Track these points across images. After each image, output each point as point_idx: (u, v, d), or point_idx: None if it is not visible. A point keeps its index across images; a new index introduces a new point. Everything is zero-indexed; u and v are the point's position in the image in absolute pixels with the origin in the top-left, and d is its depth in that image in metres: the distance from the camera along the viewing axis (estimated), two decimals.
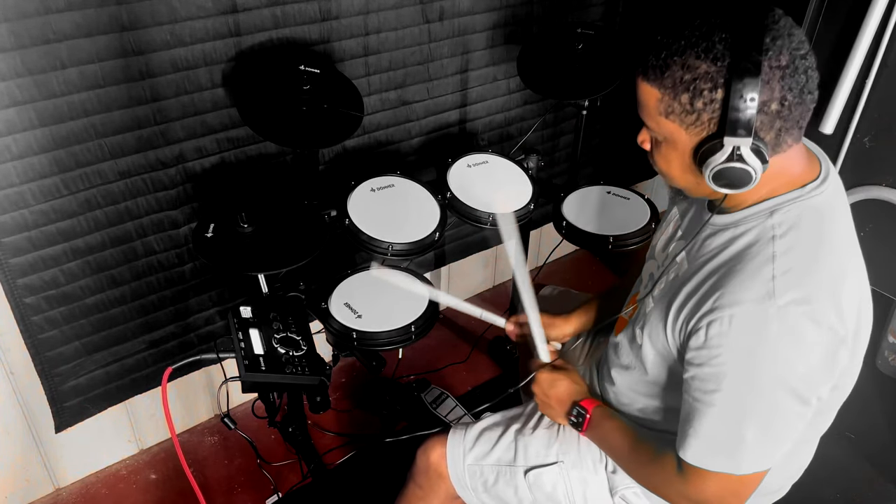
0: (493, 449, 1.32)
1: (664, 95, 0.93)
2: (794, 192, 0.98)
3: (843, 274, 0.96)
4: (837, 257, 0.96)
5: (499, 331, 2.37)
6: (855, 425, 2.09)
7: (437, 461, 1.35)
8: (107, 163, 1.54)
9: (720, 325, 0.93)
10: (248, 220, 1.46)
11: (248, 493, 1.92)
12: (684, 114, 0.92)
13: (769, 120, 0.91)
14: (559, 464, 1.26)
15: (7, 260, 1.49)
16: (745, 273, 0.94)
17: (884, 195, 1.69)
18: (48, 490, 1.90)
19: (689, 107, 0.91)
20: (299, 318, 1.43)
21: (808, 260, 0.93)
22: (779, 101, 0.89)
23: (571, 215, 1.84)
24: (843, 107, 1.66)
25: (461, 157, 1.86)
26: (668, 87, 0.92)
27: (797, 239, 0.94)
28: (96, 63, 1.44)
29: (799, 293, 0.91)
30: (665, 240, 1.18)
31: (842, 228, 1.01)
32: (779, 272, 0.92)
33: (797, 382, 0.93)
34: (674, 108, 0.93)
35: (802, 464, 1.21)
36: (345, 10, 1.73)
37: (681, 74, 0.90)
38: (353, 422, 2.13)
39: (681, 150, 0.97)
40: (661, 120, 0.95)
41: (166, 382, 1.31)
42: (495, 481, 1.31)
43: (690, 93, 0.90)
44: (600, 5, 2.24)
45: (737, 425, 0.96)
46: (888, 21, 1.56)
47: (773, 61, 0.88)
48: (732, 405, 0.95)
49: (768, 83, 0.88)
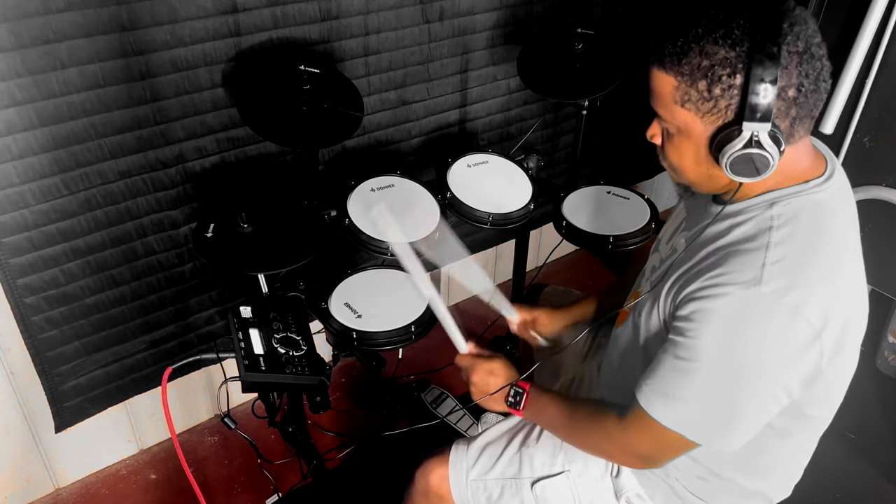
0: (496, 463, 1.30)
1: (681, 83, 0.93)
2: (796, 187, 0.98)
3: (836, 274, 0.95)
4: (832, 256, 0.96)
5: (499, 331, 2.40)
6: (855, 425, 2.09)
7: (437, 484, 1.33)
8: (107, 163, 1.54)
9: (705, 303, 0.94)
10: (248, 220, 1.46)
11: (248, 493, 1.92)
12: (701, 101, 0.92)
13: (786, 107, 0.91)
14: (566, 473, 1.25)
15: (7, 260, 1.49)
16: (737, 258, 0.95)
17: (884, 195, 1.69)
18: (48, 490, 1.90)
19: (706, 94, 0.91)
20: (299, 318, 1.42)
21: (801, 253, 0.93)
22: (796, 88, 0.90)
23: (571, 215, 1.84)
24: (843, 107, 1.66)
25: (461, 157, 1.86)
26: (686, 74, 0.92)
27: (794, 232, 0.95)
28: (96, 63, 1.44)
29: (784, 282, 0.91)
30: (670, 233, 1.19)
31: (842, 229, 1.00)
32: (770, 261, 0.92)
33: (767, 368, 0.94)
34: (690, 95, 0.93)
35: (802, 463, 1.21)
36: (345, 10, 1.73)
37: (699, 61, 0.90)
38: (353, 422, 2.13)
39: (695, 140, 0.97)
40: (676, 109, 0.95)
41: (166, 382, 1.31)
42: (500, 495, 1.29)
43: (708, 79, 0.90)
44: (600, 5, 2.24)
45: (697, 391, 0.97)
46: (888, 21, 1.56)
47: (792, 46, 0.88)
48: (700, 375, 0.96)
49: (787, 68, 0.88)
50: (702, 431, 1.01)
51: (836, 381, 1.04)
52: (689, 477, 1.17)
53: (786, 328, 0.92)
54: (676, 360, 0.98)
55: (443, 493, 1.32)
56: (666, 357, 1.00)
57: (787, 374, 0.95)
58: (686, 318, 0.97)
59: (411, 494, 1.39)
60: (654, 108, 1.00)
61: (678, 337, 0.98)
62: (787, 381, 0.96)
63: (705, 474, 1.16)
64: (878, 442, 2.09)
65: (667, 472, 1.19)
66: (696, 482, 1.17)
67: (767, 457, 1.12)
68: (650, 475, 1.21)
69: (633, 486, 1.23)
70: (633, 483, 1.23)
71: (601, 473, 1.25)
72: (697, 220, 1.09)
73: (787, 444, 1.11)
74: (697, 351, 0.96)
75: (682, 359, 0.97)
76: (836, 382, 1.04)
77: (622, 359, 1.21)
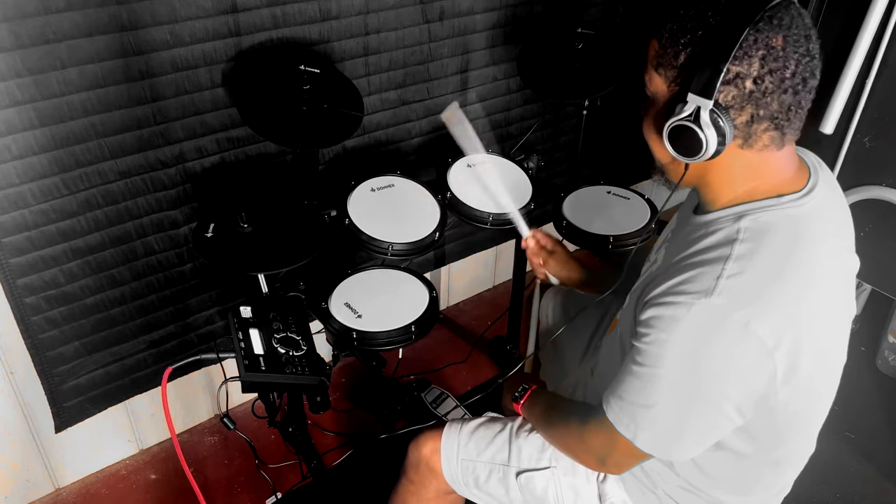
0: (487, 447, 1.32)
1: (659, 46, 0.94)
2: (768, 200, 0.96)
3: (803, 296, 0.93)
4: (800, 278, 0.93)
5: (499, 330, 2.40)
6: (855, 425, 2.09)
7: (429, 455, 1.35)
8: (107, 163, 1.54)
9: (662, 309, 0.94)
10: (248, 220, 1.46)
11: (248, 493, 1.92)
12: (669, 67, 0.93)
13: (740, 97, 0.89)
14: (551, 469, 1.26)
15: (7, 260, 1.49)
16: (698, 268, 0.94)
17: (884, 195, 1.69)
18: (48, 490, 1.90)
19: (673, 60, 0.92)
20: (299, 318, 1.43)
21: (762, 271, 0.91)
22: (753, 80, 0.88)
23: (571, 215, 1.84)
24: (843, 107, 1.66)
25: (461, 157, 1.86)
26: (665, 37, 0.93)
27: (758, 248, 0.93)
28: (96, 63, 1.44)
29: (736, 297, 0.90)
30: (659, 242, 1.19)
31: (818, 248, 0.96)
32: (726, 274, 0.91)
33: (715, 381, 0.93)
34: (662, 60, 0.94)
35: (788, 479, 1.19)
36: (345, 10, 1.73)
37: (676, 28, 0.92)
38: (352, 422, 2.13)
39: (657, 108, 0.98)
40: (653, 74, 0.97)
41: (166, 382, 1.31)
42: (487, 479, 1.31)
43: (677, 46, 0.92)
44: (600, 5, 2.24)
45: (648, 397, 0.98)
46: (888, 21, 1.56)
47: (763, 37, 0.87)
48: (651, 381, 0.97)
49: (748, 56, 0.87)
50: (649, 439, 1.01)
51: (802, 397, 1.00)
52: (675, 488, 1.17)
53: (736, 343, 0.90)
54: (633, 364, 0.98)
55: (433, 466, 1.34)
56: (627, 361, 1.01)
57: (737, 390, 0.94)
58: (644, 324, 0.97)
59: (405, 467, 1.41)
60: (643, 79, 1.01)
61: (637, 342, 0.98)
62: (736, 398, 0.94)
63: (689, 486, 1.15)
64: (878, 442, 2.09)
65: (654, 483, 1.18)
66: (682, 493, 1.17)
67: (743, 474, 1.11)
68: (636, 483, 1.21)
69: (618, 493, 1.23)
70: (618, 490, 1.23)
71: (587, 475, 1.25)
72: (678, 231, 1.09)
73: (764, 459, 1.08)
74: (651, 357, 0.95)
75: (638, 364, 0.97)
76: (802, 398, 1.00)
77: (609, 365, 1.20)
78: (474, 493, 1.34)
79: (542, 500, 1.27)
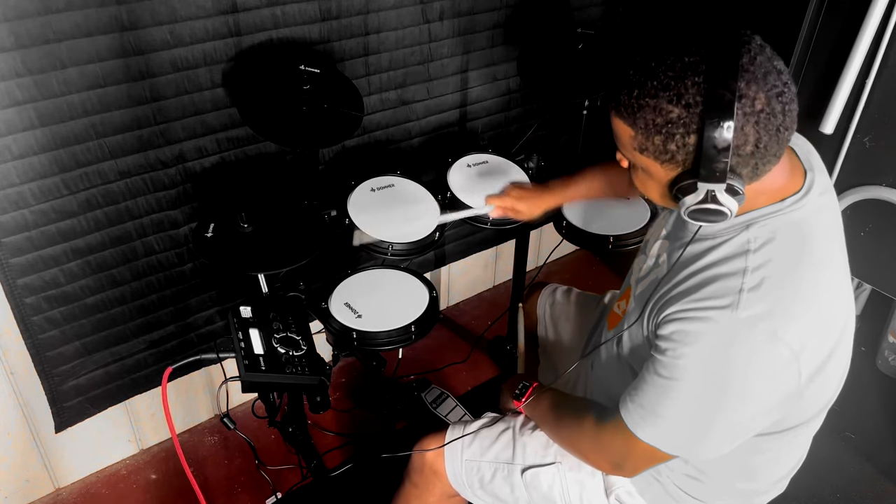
0: (491, 446, 1.32)
1: (637, 134, 0.92)
2: (772, 206, 0.97)
3: (815, 295, 0.95)
4: (811, 278, 0.95)
5: (499, 330, 2.40)
6: (855, 425, 2.09)
7: (432, 458, 1.35)
8: (107, 163, 1.54)
9: (686, 324, 0.95)
10: (248, 220, 1.46)
11: (248, 493, 1.92)
12: (658, 152, 0.92)
13: (744, 160, 0.90)
14: (556, 464, 1.27)
15: (7, 260, 1.49)
16: (716, 283, 0.95)
17: (884, 195, 1.69)
18: (48, 490, 1.90)
19: (662, 147, 0.91)
20: (299, 318, 1.42)
21: (778, 278, 0.93)
22: (753, 144, 0.89)
23: (571, 215, 1.84)
24: (843, 107, 1.66)
25: (461, 157, 1.86)
26: (641, 127, 0.91)
27: (771, 256, 0.94)
28: (96, 63, 1.44)
29: (761, 308, 0.91)
30: (655, 237, 1.19)
31: (823, 244, 0.99)
32: (747, 286, 0.92)
33: (745, 391, 0.94)
34: (647, 146, 0.93)
35: (797, 458, 1.21)
36: (345, 10, 1.72)
37: (653, 117, 0.89)
38: (353, 422, 2.13)
39: (657, 181, 0.98)
40: (636, 154, 0.96)
41: (166, 382, 1.31)
42: (492, 478, 1.31)
43: (663, 136, 0.90)
44: (600, 5, 2.24)
45: (675, 409, 0.98)
46: (888, 21, 1.56)
47: (748, 107, 0.86)
48: (679, 394, 0.97)
49: (742, 129, 0.87)
50: (675, 445, 1.03)
51: (823, 389, 1.03)
52: (680, 476, 1.18)
53: (764, 353, 0.92)
54: (657, 377, 0.99)
55: (437, 468, 1.35)
56: (648, 373, 1.01)
57: (765, 395, 0.95)
58: (667, 339, 0.97)
59: (408, 470, 1.41)
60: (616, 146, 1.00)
61: (659, 356, 0.98)
62: (765, 404, 0.96)
63: (695, 473, 1.16)
64: (878, 442, 2.09)
65: (658, 471, 1.19)
66: (687, 481, 1.18)
67: (756, 459, 1.12)
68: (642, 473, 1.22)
69: (623, 482, 1.24)
70: (623, 480, 1.24)
71: (593, 469, 1.25)
72: (678, 233, 1.09)
73: (776, 446, 1.11)
74: (678, 370, 0.96)
75: (663, 377, 0.98)
76: (823, 390, 1.03)
77: (610, 361, 1.22)
78: (479, 494, 1.34)
79: (548, 496, 1.28)
